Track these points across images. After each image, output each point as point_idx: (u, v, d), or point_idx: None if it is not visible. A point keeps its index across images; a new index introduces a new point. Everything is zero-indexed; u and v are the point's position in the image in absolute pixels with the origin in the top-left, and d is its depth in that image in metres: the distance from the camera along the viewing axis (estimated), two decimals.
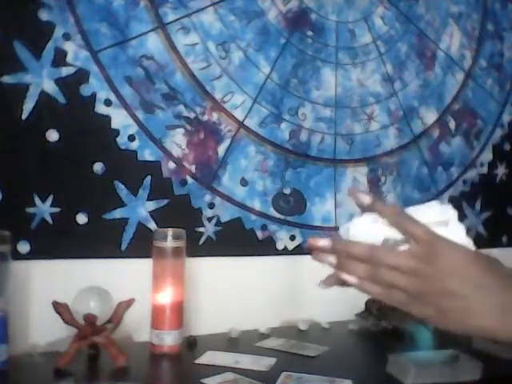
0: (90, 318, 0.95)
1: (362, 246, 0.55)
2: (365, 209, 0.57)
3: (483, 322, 0.52)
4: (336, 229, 1.44)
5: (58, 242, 1.11)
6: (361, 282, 0.55)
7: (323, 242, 0.56)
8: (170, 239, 1.05)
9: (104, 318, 0.98)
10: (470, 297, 0.52)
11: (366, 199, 0.56)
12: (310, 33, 1.40)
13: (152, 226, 1.20)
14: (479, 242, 0.58)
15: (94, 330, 0.96)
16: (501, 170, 1.72)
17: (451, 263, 0.53)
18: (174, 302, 1.04)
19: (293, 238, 1.39)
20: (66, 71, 1.12)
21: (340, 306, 1.35)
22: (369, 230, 0.55)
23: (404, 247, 0.54)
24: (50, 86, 1.11)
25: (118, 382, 0.89)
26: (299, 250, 1.39)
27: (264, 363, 1.00)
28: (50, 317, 0.95)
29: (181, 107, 1.24)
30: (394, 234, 0.55)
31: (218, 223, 1.29)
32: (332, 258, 0.57)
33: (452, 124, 1.63)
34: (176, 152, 1.24)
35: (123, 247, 1.18)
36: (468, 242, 0.56)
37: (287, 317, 1.33)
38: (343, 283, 0.58)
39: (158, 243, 1.05)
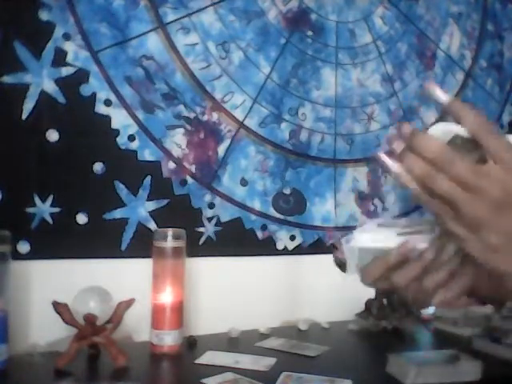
0: (90, 318, 0.95)
1: (433, 142, 0.46)
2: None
3: None
4: (336, 229, 1.44)
5: (58, 242, 1.11)
6: (408, 175, 0.47)
7: (406, 127, 0.48)
8: (170, 239, 1.05)
9: (104, 318, 0.98)
10: None
11: (444, 97, 0.48)
12: (310, 33, 1.40)
13: (152, 226, 1.20)
14: None
15: (94, 330, 0.96)
16: None
17: None
18: (174, 302, 1.04)
19: (293, 238, 1.39)
20: (65, 71, 1.12)
21: (340, 306, 1.35)
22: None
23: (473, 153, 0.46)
24: (50, 86, 1.11)
25: (118, 382, 0.89)
26: (299, 250, 1.39)
27: (264, 363, 1.00)
28: (50, 317, 0.94)
29: (181, 107, 1.24)
30: (464, 132, 0.46)
31: (218, 223, 1.29)
32: (399, 145, 0.48)
33: None
34: (176, 152, 1.24)
35: (123, 247, 1.18)
36: None
37: (287, 317, 1.33)
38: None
39: (157, 243, 1.05)
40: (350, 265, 0.55)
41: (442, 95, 0.48)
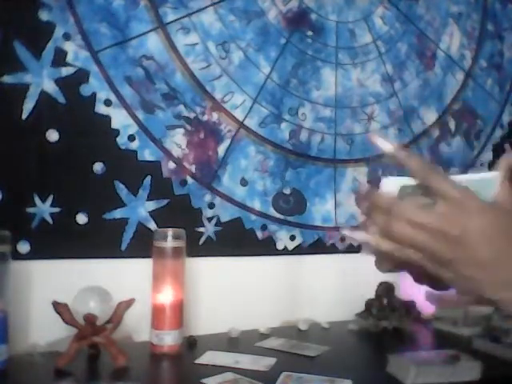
0: (90, 318, 0.95)
1: (383, 196, 0.49)
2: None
3: (508, 295, 0.47)
4: (336, 229, 1.44)
5: (58, 242, 1.11)
6: (374, 235, 0.49)
7: (363, 189, 0.51)
8: (170, 239, 1.05)
9: (104, 318, 0.98)
10: (499, 267, 0.46)
11: (388, 147, 0.49)
12: (310, 33, 1.40)
13: (152, 226, 1.20)
14: None
15: (94, 330, 0.96)
16: None
17: (480, 227, 0.46)
18: (173, 302, 1.04)
19: (293, 238, 1.39)
20: (65, 71, 1.12)
21: (340, 305, 1.36)
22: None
23: (422, 198, 0.48)
24: (50, 86, 1.11)
25: (118, 382, 0.89)
26: (299, 250, 1.39)
27: (264, 363, 1.00)
28: (50, 317, 0.94)
29: (181, 107, 1.24)
30: (412, 182, 0.49)
31: (218, 223, 1.29)
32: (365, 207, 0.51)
33: (452, 124, 1.63)
34: (176, 152, 1.24)
35: (123, 247, 1.18)
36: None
37: (287, 317, 1.33)
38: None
39: (157, 243, 1.05)
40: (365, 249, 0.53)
41: (385, 145, 0.50)
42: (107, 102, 1.16)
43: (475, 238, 0.46)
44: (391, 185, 0.51)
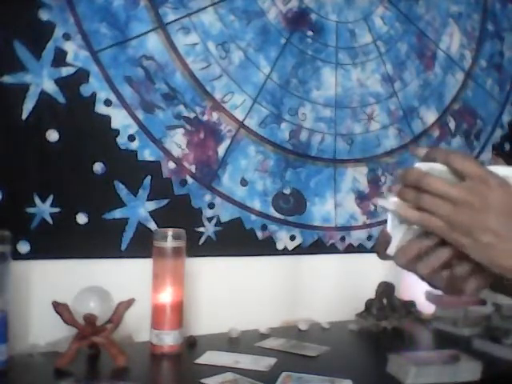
0: (90, 318, 0.95)
1: (413, 171, 0.55)
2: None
3: None
4: (336, 229, 1.45)
5: (58, 242, 1.11)
6: (401, 205, 0.55)
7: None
8: (170, 239, 1.05)
9: (104, 318, 0.98)
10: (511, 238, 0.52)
11: (424, 150, 0.57)
12: (310, 33, 1.40)
13: (152, 226, 1.20)
14: None
15: (94, 330, 0.96)
16: None
17: (501, 200, 0.52)
18: (173, 302, 1.04)
19: (293, 237, 1.39)
20: (65, 71, 1.12)
21: (340, 306, 1.36)
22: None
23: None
24: (50, 86, 1.11)
25: (118, 382, 0.89)
26: (299, 250, 1.39)
27: (264, 363, 1.00)
28: (50, 317, 0.94)
29: (181, 107, 1.24)
30: (441, 167, 0.54)
31: (218, 223, 1.29)
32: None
33: (452, 124, 1.63)
34: (176, 152, 1.24)
35: (123, 247, 1.18)
36: None
37: (287, 317, 1.33)
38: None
39: (157, 243, 1.05)
40: (393, 243, 0.57)
41: (423, 151, 0.57)
42: (107, 102, 1.16)
43: (495, 209, 0.52)
44: (423, 165, 0.55)
